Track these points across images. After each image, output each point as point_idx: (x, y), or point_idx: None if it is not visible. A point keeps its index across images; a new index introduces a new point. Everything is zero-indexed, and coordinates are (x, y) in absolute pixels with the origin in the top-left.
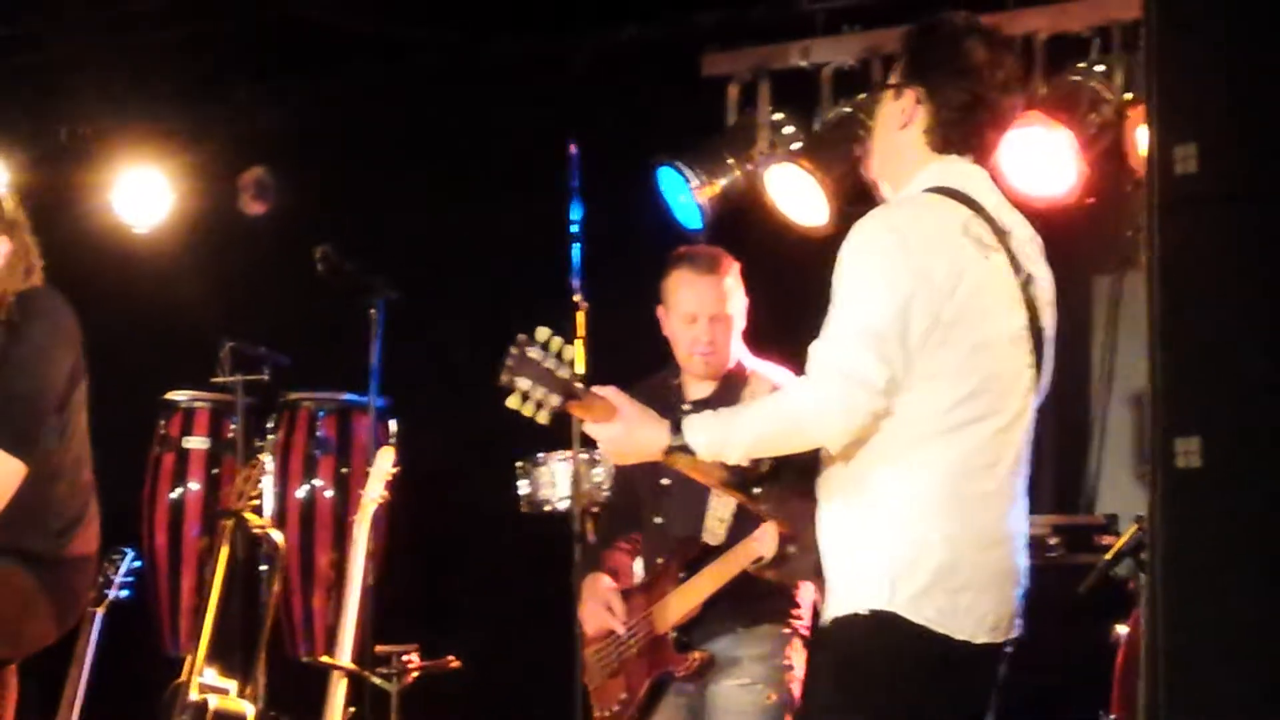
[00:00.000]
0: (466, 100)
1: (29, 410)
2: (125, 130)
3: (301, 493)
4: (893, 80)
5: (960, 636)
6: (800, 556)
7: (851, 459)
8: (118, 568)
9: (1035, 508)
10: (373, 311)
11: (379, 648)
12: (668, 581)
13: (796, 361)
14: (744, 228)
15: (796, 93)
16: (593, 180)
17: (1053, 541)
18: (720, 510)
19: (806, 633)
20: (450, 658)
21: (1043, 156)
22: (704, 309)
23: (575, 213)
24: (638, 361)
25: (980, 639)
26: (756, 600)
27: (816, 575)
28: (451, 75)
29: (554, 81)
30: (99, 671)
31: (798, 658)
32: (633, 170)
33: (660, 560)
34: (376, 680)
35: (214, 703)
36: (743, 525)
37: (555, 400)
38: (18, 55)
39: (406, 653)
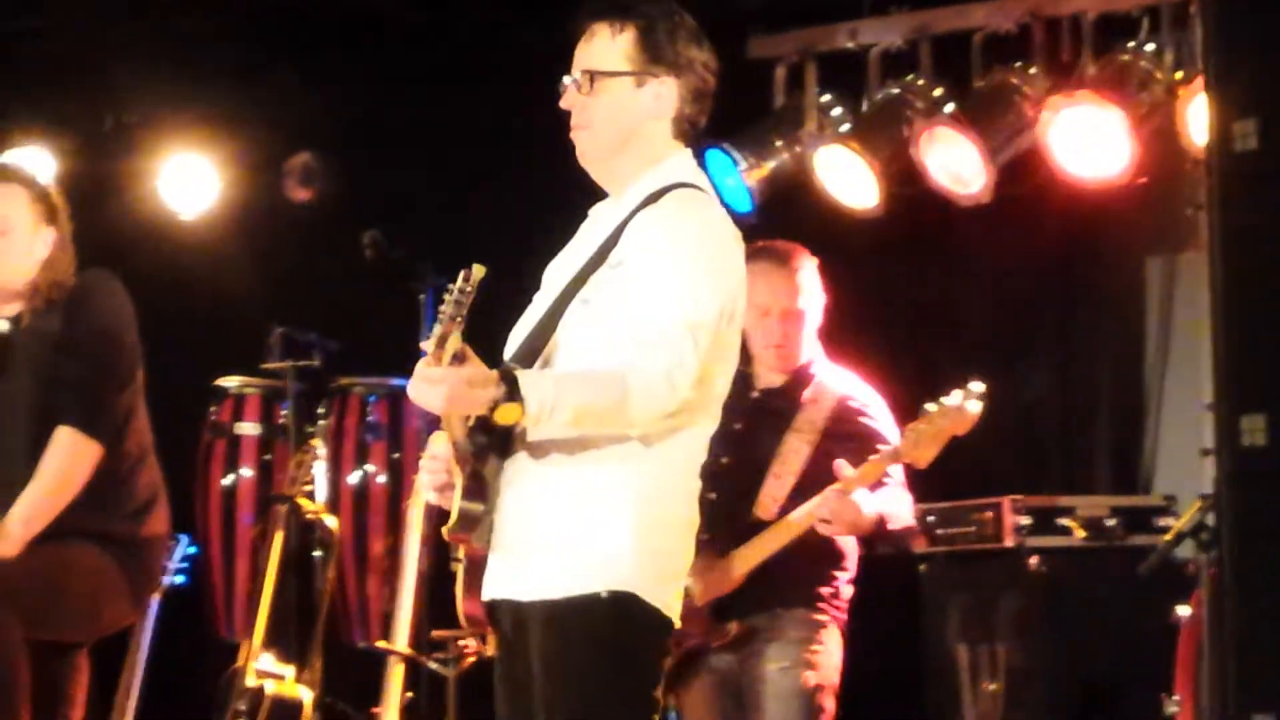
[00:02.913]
0: (513, 84)
1: (99, 391)
2: (171, 117)
3: (354, 478)
4: (628, 67)
5: (676, 621)
6: (490, 516)
7: (599, 434)
8: (172, 554)
9: (1093, 489)
10: (421, 297)
11: (435, 633)
12: (712, 554)
13: (836, 344)
14: (792, 210)
15: (844, 74)
16: None
17: (1110, 523)
18: (776, 490)
19: (844, 620)
20: None
21: (1094, 137)
22: (776, 303)
23: None
24: None
25: (678, 624)
26: (794, 584)
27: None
28: (498, 59)
29: None
30: (155, 657)
31: (833, 643)
32: None
33: (708, 534)
34: (433, 665)
35: (271, 688)
36: (796, 505)
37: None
38: (62, 43)
39: (463, 638)
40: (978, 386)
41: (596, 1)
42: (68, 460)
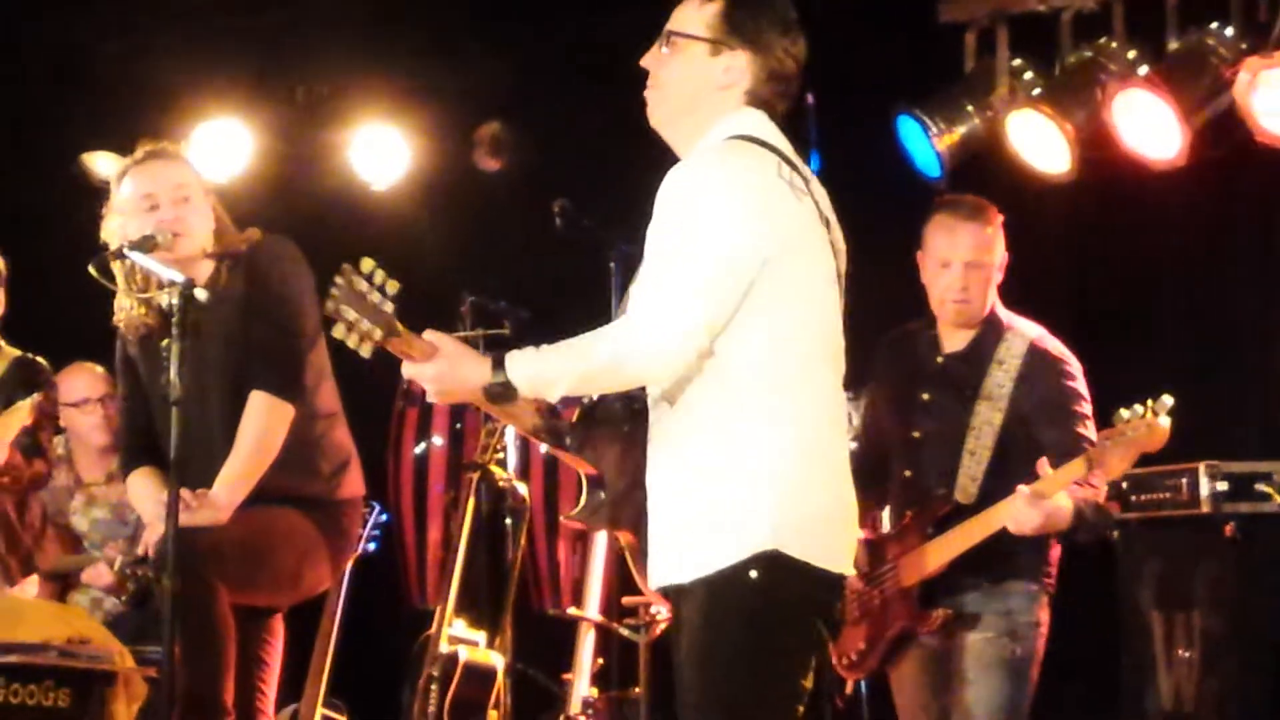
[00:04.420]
0: None
1: (289, 353)
2: (361, 89)
3: (544, 446)
4: (706, 34)
5: (836, 570)
6: (609, 503)
7: (705, 407)
8: (365, 521)
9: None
10: (611, 264)
11: (626, 600)
12: (916, 536)
13: (1030, 310)
14: (984, 176)
15: (1035, 38)
16: (831, 130)
17: None
18: (973, 469)
19: (1053, 586)
20: None
21: None
22: (959, 254)
23: (813, 164)
24: (874, 312)
25: (846, 571)
26: (1004, 558)
27: (630, 525)
28: None
29: None
30: (348, 623)
31: (1042, 612)
32: (872, 120)
33: (909, 513)
34: (624, 632)
35: (464, 654)
36: (995, 485)
37: (378, 335)
38: (253, 16)
39: (654, 604)
40: (1166, 401)
41: None
42: (263, 424)
